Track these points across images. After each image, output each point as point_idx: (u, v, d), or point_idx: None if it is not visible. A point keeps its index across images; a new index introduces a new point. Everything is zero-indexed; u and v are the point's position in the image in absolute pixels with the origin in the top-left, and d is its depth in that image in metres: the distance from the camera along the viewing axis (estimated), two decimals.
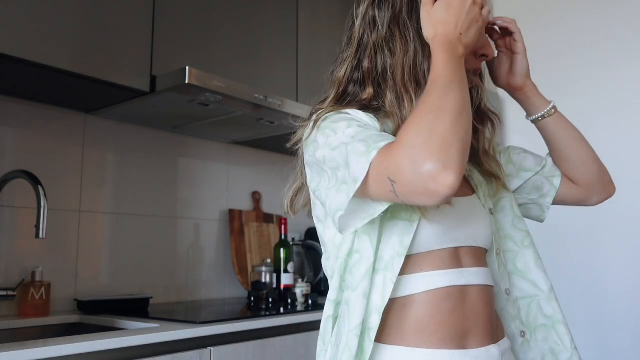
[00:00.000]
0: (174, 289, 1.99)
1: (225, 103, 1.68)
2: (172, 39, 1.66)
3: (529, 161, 0.99)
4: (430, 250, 0.74)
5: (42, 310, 1.54)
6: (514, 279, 0.87)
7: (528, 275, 0.87)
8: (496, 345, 0.78)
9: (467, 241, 0.77)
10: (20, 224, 1.59)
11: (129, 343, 1.16)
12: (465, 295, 0.75)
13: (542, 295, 0.86)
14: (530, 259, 0.88)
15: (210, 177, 2.16)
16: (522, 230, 0.89)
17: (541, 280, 0.87)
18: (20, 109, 1.63)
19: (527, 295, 0.87)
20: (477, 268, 0.78)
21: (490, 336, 0.77)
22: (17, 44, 1.29)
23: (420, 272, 0.74)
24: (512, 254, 0.88)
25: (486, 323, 0.77)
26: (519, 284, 0.87)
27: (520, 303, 0.87)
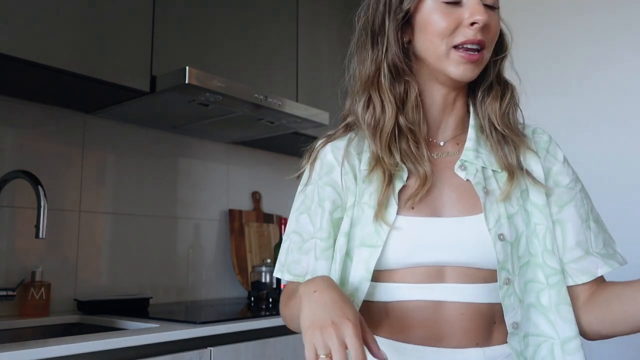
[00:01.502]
0: (174, 289, 1.99)
1: (225, 103, 1.68)
2: (172, 39, 1.66)
3: (571, 235, 0.80)
4: (404, 267, 0.78)
5: (42, 310, 1.54)
6: (533, 313, 0.79)
7: (548, 314, 0.78)
8: (479, 349, 0.77)
9: (451, 261, 0.78)
10: (20, 224, 1.59)
11: (129, 343, 1.16)
12: (441, 309, 0.77)
13: (557, 341, 0.77)
14: (553, 300, 0.78)
15: (210, 177, 2.16)
16: (549, 267, 0.79)
17: (560, 326, 0.77)
18: (20, 109, 1.63)
19: (541, 334, 0.78)
20: (464, 285, 0.77)
21: (473, 344, 0.77)
22: (17, 44, 1.30)
23: (395, 282, 0.79)
24: (538, 285, 0.79)
25: (467, 335, 0.77)
26: (536, 320, 0.78)
27: (530, 340, 0.78)
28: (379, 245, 0.77)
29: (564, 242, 0.81)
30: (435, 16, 0.79)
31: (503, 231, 0.77)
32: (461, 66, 0.78)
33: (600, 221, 0.85)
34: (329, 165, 0.85)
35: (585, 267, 0.80)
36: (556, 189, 0.82)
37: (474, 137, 0.83)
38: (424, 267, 0.78)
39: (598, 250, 0.81)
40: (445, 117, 0.86)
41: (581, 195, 0.84)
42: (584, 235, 0.81)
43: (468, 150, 0.82)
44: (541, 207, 0.80)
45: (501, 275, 0.76)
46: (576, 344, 0.76)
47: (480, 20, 0.76)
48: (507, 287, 0.76)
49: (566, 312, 0.77)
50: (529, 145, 0.84)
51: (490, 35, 0.79)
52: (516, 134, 0.83)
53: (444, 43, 0.78)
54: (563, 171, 0.84)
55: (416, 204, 0.79)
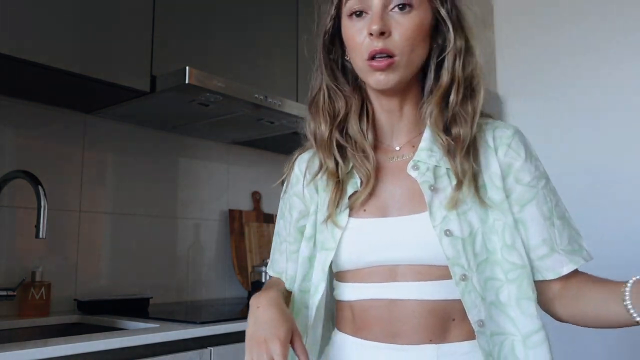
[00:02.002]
0: (174, 289, 1.99)
1: (225, 103, 1.67)
2: (172, 39, 1.66)
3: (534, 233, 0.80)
4: (360, 268, 0.82)
5: (42, 310, 1.54)
6: (494, 311, 0.77)
7: (508, 311, 0.77)
8: (434, 346, 0.77)
9: (401, 259, 0.80)
10: (20, 224, 1.59)
11: (129, 343, 1.17)
12: (395, 307, 0.79)
13: (518, 337, 0.76)
14: (513, 295, 0.77)
15: (210, 177, 2.16)
16: (509, 262, 0.78)
17: (521, 321, 0.76)
18: (20, 109, 1.63)
19: (502, 332, 0.77)
20: (416, 283, 0.79)
21: (427, 340, 0.78)
22: (17, 44, 1.30)
23: (353, 282, 0.84)
24: (497, 282, 0.78)
25: (420, 331, 0.78)
26: (497, 318, 0.77)
27: (495, 339, 0.77)
28: (332, 248, 0.82)
29: (527, 240, 0.80)
30: (348, 33, 0.82)
31: (450, 227, 0.77)
32: (374, 76, 0.80)
33: (567, 217, 0.84)
34: (295, 177, 0.93)
35: (550, 265, 0.80)
36: (517, 187, 0.81)
37: (429, 137, 0.83)
38: (377, 267, 0.81)
39: (563, 247, 0.80)
40: (394, 122, 0.87)
41: (544, 192, 0.82)
42: (548, 233, 0.80)
43: (421, 150, 0.83)
44: (498, 203, 0.79)
45: (455, 271, 0.76)
46: (539, 338, 0.76)
47: (373, 30, 0.77)
48: (464, 283, 0.76)
49: (527, 306, 0.76)
50: (486, 140, 0.82)
51: (398, 42, 0.78)
52: (459, 137, 0.80)
53: (360, 57, 0.80)
54: (525, 168, 0.81)
55: (368, 207, 0.83)
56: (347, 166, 0.85)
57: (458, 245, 0.76)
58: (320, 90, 0.89)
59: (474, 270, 0.77)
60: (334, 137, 0.86)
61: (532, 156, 0.84)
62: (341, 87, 0.87)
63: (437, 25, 0.83)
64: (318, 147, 0.88)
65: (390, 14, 0.79)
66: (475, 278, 0.76)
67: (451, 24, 0.82)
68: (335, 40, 0.87)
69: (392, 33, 0.78)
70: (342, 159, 0.85)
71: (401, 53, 0.78)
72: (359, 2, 0.80)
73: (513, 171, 0.81)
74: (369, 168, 0.83)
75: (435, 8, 0.82)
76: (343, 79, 0.88)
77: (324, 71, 0.88)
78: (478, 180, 0.80)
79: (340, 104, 0.87)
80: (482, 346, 0.76)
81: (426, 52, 0.82)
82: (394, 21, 0.78)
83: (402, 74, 0.80)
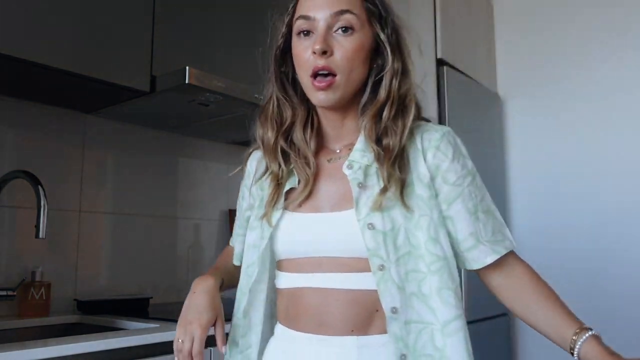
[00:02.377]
0: (174, 289, 1.99)
1: (225, 103, 1.67)
2: (172, 39, 1.66)
3: (462, 228, 0.88)
4: (292, 258, 0.91)
5: (42, 310, 1.54)
6: (415, 301, 0.83)
7: (429, 302, 0.83)
8: (354, 337, 0.84)
9: (327, 252, 0.87)
10: (20, 224, 1.59)
11: (129, 343, 1.17)
12: (322, 296, 0.87)
13: (437, 326, 0.83)
14: (434, 286, 0.83)
15: (210, 177, 2.16)
16: (432, 254, 0.84)
17: (441, 311, 0.83)
18: (20, 109, 1.63)
19: (422, 321, 0.83)
20: (340, 274, 0.86)
21: (349, 331, 0.85)
22: (17, 44, 1.29)
23: (286, 272, 0.92)
24: (420, 274, 0.84)
25: (343, 322, 0.85)
26: (418, 308, 0.83)
27: (412, 327, 0.83)
28: (261, 245, 0.91)
29: (456, 235, 0.88)
30: (296, 50, 0.90)
31: (373, 221, 0.83)
32: (316, 94, 0.87)
33: (491, 210, 0.91)
34: (247, 172, 1.05)
35: (476, 256, 0.88)
36: (444, 186, 0.88)
37: (363, 141, 0.90)
38: (308, 258, 0.89)
39: (487, 238, 0.88)
40: (336, 131, 0.95)
41: (469, 189, 0.89)
42: (474, 227, 0.88)
43: (356, 151, 0.90)
44: (426, 200, 0.86)
45: (373, 261, 0.82)
46: (455, 325, 0.83)
47: (317, 49, 0.84)
48: (381, 272, 0.82)
49: (447, 295, 0.83)
50: (415, 144, 0.89)
51: (339, 61, 0.85)
52: (389, 148, 0.87)
53: (305, 73, 0.88)
54: (451, 169, 0.88)
55: (304, 204, 0.90)
56: (288, 168, 0.93)
57: (379, 238, 0.83)
58: (270, 100, 0.96)
59: (392, 262, 0.83)
60: (279, 143, 0.94)
61: (460, 155, 0.91)
62: (290, 98, 0.95)
63: (377, 47, 0.91)
64: (264, 152, 0.96)
65: (333, 35, 0.86)
66: (393, 269, 0.83)
67: (390, 47, 0.90)
68: (287, 55, 0.94)
69: (334, 53, 0.85)
70: (285, 163, 0.93)
71: (341, 72, 0.86)
72: (306, 23, 0.87)
73: (441, 172, 0.88)
74: (308, 173, 0.91)
75: (376, 32, 0.89)
76: (292, 91, 0.95)
77: (274, 83, 0.95)
78: (405, 183, 0.87)
79: (288, 113, 0.94)
80: (394, 332, 0.82)
81: (366, 72, 0.90)
82: (336, 42, 0.86)
83: (341, 92, 0.87)
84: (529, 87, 2.81)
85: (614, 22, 2.58)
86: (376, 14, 0.90)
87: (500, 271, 0.89)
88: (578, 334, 0.80)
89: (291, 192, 0.92)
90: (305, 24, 0.87)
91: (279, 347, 0.92)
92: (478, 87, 2.67)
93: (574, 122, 2.64)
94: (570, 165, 2.63)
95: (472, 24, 2.72)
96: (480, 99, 2.68)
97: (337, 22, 0.86)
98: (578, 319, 0.83)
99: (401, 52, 0.91)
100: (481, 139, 2.63)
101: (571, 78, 2.68)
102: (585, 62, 2.65)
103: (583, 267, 2.50)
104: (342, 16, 0.86)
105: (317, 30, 0.86)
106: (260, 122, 0.98)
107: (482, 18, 2.85)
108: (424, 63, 1.02)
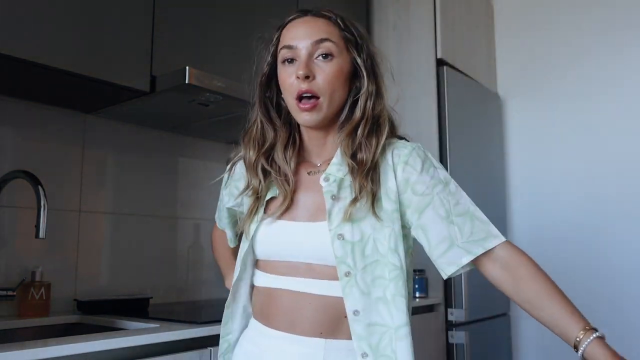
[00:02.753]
0: (174, 289, 1.99)
1: (225, 103, 1.67)
2: (172, 39, 1.66)
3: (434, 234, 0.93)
4: (269, 260, 0.99)
5: (42, 310, 1.54)
6: (381, 305, 0.91)
7: (390, 307, 0.91)
8: (322, 340, 0.92)
9: (302, 258, 0.95)
10: (20, 224, 1.59)
11: (129, 343, 1.16)
12: (295, 298, 0.94)
13: (392, 330, 0.90)
14: (391, 292, 0.91)
15: (210, 177, 2.16)
16: (391, 263, 0.92)
17: (395, 316, 0.90)
18: (20, 109, 1.63)
19: (385, 324, 0.91)
20: (314, 280, 0.93)
21: (318, 333, 0.92)
22: (17, 44, 1.29)
23: (264, 272, 1.00)
24: (385, 281, 0.92)
25: (313, 324, 0.92)
26: (383, 311, 0.91)
27: (377, 329, 0.90)
28: (248, 239, 1.01)
29: (429, 242, 0.93)
30: (281, 76, 0.98)
31: (343, 232, 0.91)
32: (301, 114, 0.96)
33: (470, 212, 0.94)
34: (238, 173, 1.11)
35: (451, 258, 0.92)
36: (414, 198, 0.94)
37: (339, 155, 0.98)
38: (284, 262, 0.97)
39: (464, 240, 0.92)
40: (319, 148, 1.03)
41: (440, 197, 0.94)
42: (447, 231, 0.92)
43: (332, 165, 0.98)
44: (389, 213, 0.93)
45: (340, 268, 0.90)
46: (404, 331, 0.90)
47: (300, 75, 0.93)
48: (347, 278, 0.90)
49: (399, 302, 0.90)
50: (386, 159, 0.97)
51: (321, 85, 0.94)
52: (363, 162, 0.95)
53: (290, 96, 0.96)
54: (419, 180, 0.95)
55: (283, 213, 0.98)
56: (268, 182, 1.02)
57: (347, 247, 0.91)
58: (254, 123, 1.06)
59: (359, 269, 0.91)
60: (260, 162, 1.02)
61: (431, 167, 0.97)
62: (273, 121, 1.04)
63: (355, 71, 0.99)
64: (247, 169, 1.05)
65: (315, 62, 0.95)
66: (359, 276, 0.91)
67: (365, 71, 0.98)
68: (272, 82, 1.03)
69: (316, 77, 0.94)
70: (264, 179, 1.02)
71: (324, 94, 0.94)
72: (289, 51, 0.96)
73: (410, 184, 0.95)
74: (287, 189, 0.99)
75: (353, 57, 0.98)
76: (275, 114, 1.04)
77: (259, 107, 1.04)
78: (375, 195, 0.93)
79: (270, 135, 1.03)
80: (358, 332, 0.90)
81: (345, 93, 0.99)
82: (318, 67, 0.95)
83: (324, 113, 0.96)
84: (529, 87, 2.81)
85: (614, 22, 2.58)
86: (352, 41, 0.98)
87: (493, 265, 0.92)
88: (584, 334, 0.81)
89: (272, 201, 1.01)
90: (289, 52, 0.96)
91: (252, 339, 1.01)
92: (478, 87, 2.67)
93: (574, 122, 2.64)
94: (570, 165, 2.63)
95: (472, 24, 2.72)
96: (480, 99, 2.68)
97: (317, 50, 0.95)
98: (582, 317, 0.84)
99: (375, 76, 1.00)
100: (481, 139, 2.63)
101: (571, 78, 2.68)
102: (586, 62, 2.65)
103: (583, 267, 2.49)
104: (322, 44, 0.95)
105: (300, 57, 0.95)
106: (243, 142, 1.08)
107: (482, 18, 2.85)
108: (396, 88, 1.11)
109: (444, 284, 2.24)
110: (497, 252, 0.91)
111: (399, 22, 2.47)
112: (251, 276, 1.04)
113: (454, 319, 2.21)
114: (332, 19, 0.98)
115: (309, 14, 0.99)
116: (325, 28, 0.96)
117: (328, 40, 0.95)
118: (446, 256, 0.92)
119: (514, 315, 2.71)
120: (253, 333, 1.02)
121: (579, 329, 0.82)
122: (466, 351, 2.16)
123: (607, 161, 2.53)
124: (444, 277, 0.94)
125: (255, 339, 1.00)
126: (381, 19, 2.53)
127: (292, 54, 0.96)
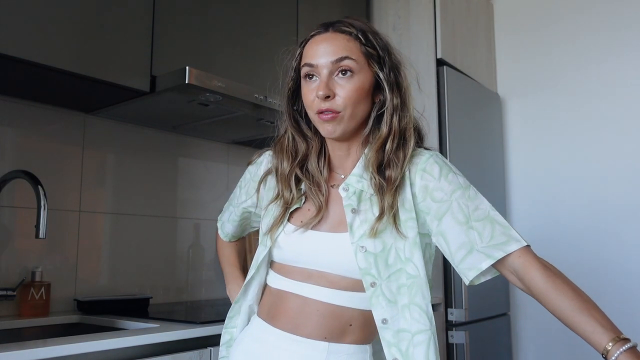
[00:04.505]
0: (174, 289, 1.99)
1: (225, 103, 1.67)
2: (172, 39, 1.66)
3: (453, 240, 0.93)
4: (284, 264, 1.01)
5: (42, 310, 1.54)
6: (407, 312, 0.92)
7: (413, 312, 0.92)
8: (326, 343, 0.94)
9: (318, 266, 0.97)
10: (20, 224, 1.59)
11: (129, 343, 1.17)
12: (304, 304, 0.96)
13: (410, 336, 0.91)
14: (407, 299, 0.92)
15: (210, 177, 2.16)
16: (408, 273, 0.93)
17: (411, 323, 0.91)
18: (20, 109, 1.63)
19: (409, 330, 0.92)
20: (325, 288, 0.95)
21: (322, 338, 0.94)
22: (17, 44, 1.29)
23: (278, 274, 1.02)
24: (410, 289, 0.93)
25: (319, 329, 0.94)
26: (410, 318, 0.92)
27: (404, 335, 0.91)
28: (267, 247, 1.02)
29: (449, 248, 0.93)
30: (303, 91, 0.99)
31: (365, 244, 0.93)
32: (324, 127, 0.97)
33: (490, 216, 0.92)
34: (264, 169, 1.12)
35: (471, 263, 0.91)
36: (433, 205, 0.95)
37: (361, 167, 0.99)
38: (298, 267, 0.99)
39: (484, 245, 0.90)
40: (343, 160, 1.04)
41: (458, 202, 0.93)
42: (467, 236, 0.91)
43: (353, 175, 0.99)
44: (403, 222, 0.94)
45: (366, 279, 0.92)
46: (420, 338, 0.90)
47: (319, 95, 0.94)
48: (373, 289, 0.92)
49: (414, 311, 0.92)
50: (407, 174, 0.97)
51: (341, 102, 0.94)
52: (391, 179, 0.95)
53: (312, 111, 0.97)
54: (437, 187, 0.95)
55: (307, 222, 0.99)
56: (299, 194, 1.02)
57: (370, 258, 0.92)
58: (285, 134, 1.07)
59: (383, 279, 0.92)
60: (294, 172, 1.03)
61: (449, 172, 0.96)
62: (304, 132, 1.05)
63: (378, 85, 0.99)
64: (279, 180, 1.05)
65: (335, 79, 0.95)
66: (384, 285, 0.92)
67: (388, 85, 0.97)
68: (298, 94, 1.04)
69: (336, 94, 0.94)
70: (296, 190, 1.02)
71: (344, 109, 0.94)
72: (310, 69, 0.97)
73: (429, 192, 0.95)
74: (321, 199, 0.99)
75: (376, 72, 0.97)
76: (305, 125, 1.05)
77: (288, 120, 1.06)
78: (397, 209, 0.94)
79: (302, 146, 1.04)
80: (388, 339, 0.91)
81: (368, 107, 0.99)
82: (337, 85, 0.95)
83: (345, 125, 0.96)
84: (529, 87, 2.81)
85: (614, 21, 2.58)
86: (374, 56, 0.97)
87: (511, 270, 0.90)
88: (615, 344, 0.77)
89: (296, 212, 1.02)
90: (310, 70, 0.97)
91: (255, 336, 1.02)
92: (478, 87, 2.67)
93: (574, 122, 2.64)
94: (570, 165, 2.63)
95: (472, 24, 2.72)
96: (480, 99, 2.68)
97: (337, 68, 0.95)
98: (613, 325, 0.80)
99: (399, 89, 0.99)
100: (481, 139, 2.63)
101: (571, 78, 2.68)
102: (586, 62, 2.65)
103: (583, 266, 2.49)
104: (341, 62, 0.94)
105: (320, 75, 0.95)
106: (275, 152, 1.09)
107: (482, 18, 2.85)
108: (422, 97, 1.12)
109: (444, 284, 2.24)
110: (513, 258, 0.89)
111: (399, 22, 2.47)
112: (264, 276, 1.06)
113: (454, 319, 2.21)
114: (352, 34, 0.96)
115: (330, 29, 0.98)
116: (345, 45, 0.95)
117: (348, 58, 0.94)
118: (466, 261, 0.91)
119: (514, 315, 2.71)
120: (256, 331, 1.03)
121: (610, 338, 0.78)
122: (466, 351, 2.16)
123: (607, 161, 2.53)
124: (467, 282, 0.93)
125: (258, 336, 1.01)
126: (381, 19, 2.53)
127: (312, 71, 0.97)
